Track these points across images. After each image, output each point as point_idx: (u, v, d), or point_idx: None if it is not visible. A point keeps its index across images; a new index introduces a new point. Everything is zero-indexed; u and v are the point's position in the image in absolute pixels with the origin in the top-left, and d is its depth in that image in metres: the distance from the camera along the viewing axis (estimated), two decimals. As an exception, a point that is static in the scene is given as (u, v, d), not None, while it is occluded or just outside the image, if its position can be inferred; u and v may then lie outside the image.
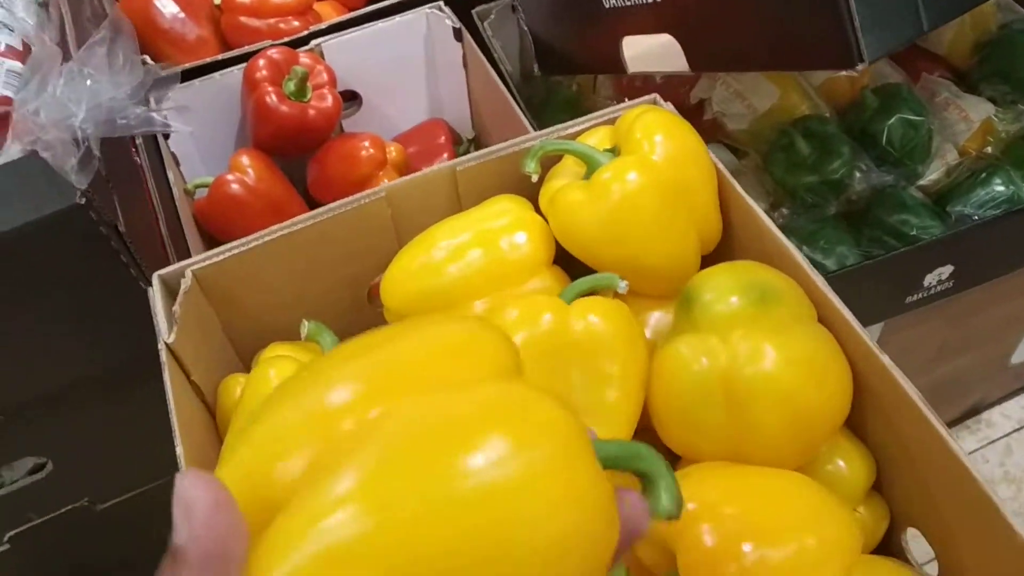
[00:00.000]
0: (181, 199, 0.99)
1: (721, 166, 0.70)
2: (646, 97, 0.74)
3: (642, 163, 0.65)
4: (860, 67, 0.73)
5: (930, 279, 1.08)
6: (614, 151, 0.68)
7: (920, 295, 1.09)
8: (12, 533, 0.84)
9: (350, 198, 0.69)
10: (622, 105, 0.74)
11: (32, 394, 0.75)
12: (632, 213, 0.64)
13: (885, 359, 0.60)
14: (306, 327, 0.64)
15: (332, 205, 0.69)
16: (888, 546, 0.67)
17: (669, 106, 0.74)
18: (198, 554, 0.26)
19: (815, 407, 0.58)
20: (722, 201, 0.71)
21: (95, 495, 0.87)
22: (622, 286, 0.62)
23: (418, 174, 0.71)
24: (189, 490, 0.27)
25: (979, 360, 1.44)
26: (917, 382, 1.41)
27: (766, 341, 0.57)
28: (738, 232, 0.71)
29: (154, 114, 0.66)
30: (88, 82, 0.64)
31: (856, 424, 0.65)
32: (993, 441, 1.57)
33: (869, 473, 0.64)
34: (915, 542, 0.66)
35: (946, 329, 1.29)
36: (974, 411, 1.59)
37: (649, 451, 0.36)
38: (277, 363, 0.61)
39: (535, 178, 0.67)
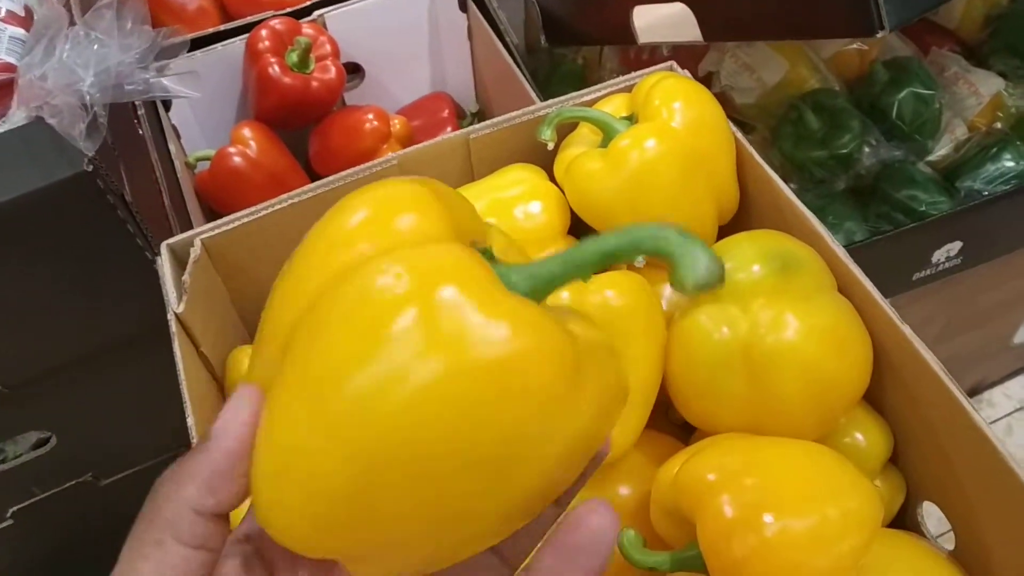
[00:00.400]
0: (183, 172, 0.98)
1: (740, 135, 0.69)
2: (663, 64, 0.73)
3: (661, 130, 0.64)
4: (880, 35, 0.72)
5: (938, 255, 1.07)
6: (631, 119, 0.67)
7: (928, 271, 1.09)
8: (16, 508, 0.83)
9: (362, 166, 0.68)
10: (639, 72, 0.73)
11: (39, 367, 0.74)
12: (651, 181, 0.63)
13: (907, 330, 0.59)
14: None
15: (343, 173, 0.68)
16: (903, 520, 0.66)
17: (687, 73, 0.73)
18: (220, 446, 0.30)
19: (836, 377, 0.57)
20: (739, 170, 0.70)
21: (99, 470, 0.86)
22: (639, 260, 0.61)
23: (431, 142, 0.70)
24: (241, 396, 0.31)
25: (982, 340, 1.44)
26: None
27: (788, 310, 0.56)
28: (755, 202, 0.70)
29: (163, 79, 0.64)
30: (96, 46, 0.63)
31: (874, 396, 0.64)
32: (994, 421, 1.57)
33: (887, 446, 0.63)
34: (929, 517, 0.65)
35: (950, 308, 1.29)
36: (975, 391, 1.59)
37: (652, 228, 0.33)
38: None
39: (551, 146, 0.66)
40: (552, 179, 0.69)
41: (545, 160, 0.70)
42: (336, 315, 0.29)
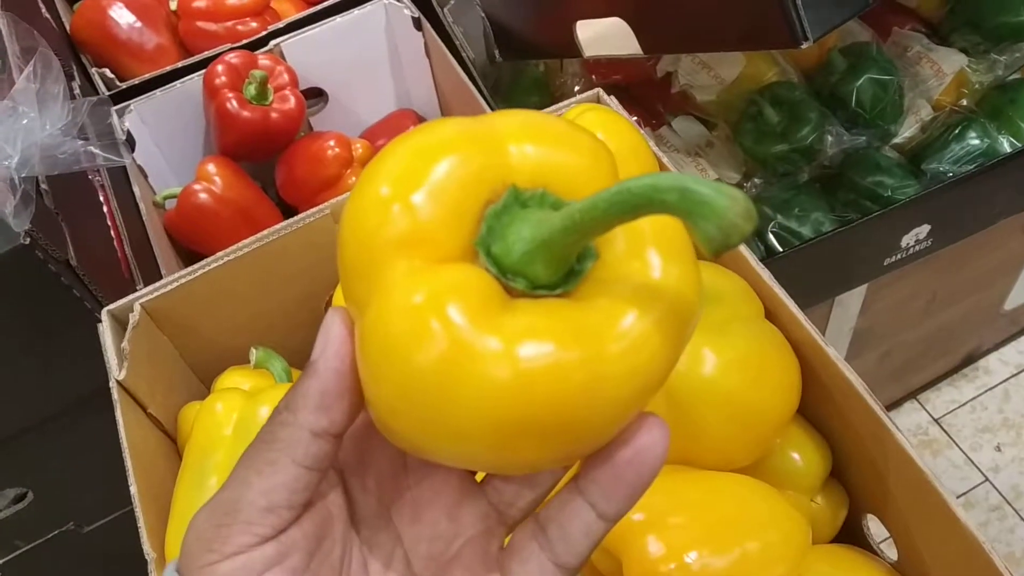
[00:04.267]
0: (150, 213, 0.99)
1: (666, 159, 0.69)
2: (589, 93, 0.74)
3: (580, 166, 0.64)
4: (805, 45, 0.72)
5: (907, 240, 1.07)
6: (555, 153, 0.68)
7: (898, 256, 1.09)
8: (2, 561, 0.86)
9: (295, 218, 0.69)
10: (565, 103, 0.73)
11: (3, 430, 0.76)
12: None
13: (830, 351, 0.59)
14: (254, 355, 0.64)
15: (277, 227, 0.69)
16: (850, 531, 0.67)
17: (613, 101, 0.73)
18: (323, 367, 0.32)
19: (758, 406, 0.58)
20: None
21: (80, 518, 0.88)
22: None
23: (361, 189, 0.71)
24: (331, 320, 0.33)
25: (971, 309, 1.43)
26: (908, 336, 1.41)
27: (704, 345, 0.56)
28: (685, 226, 0.70)
29: (91, 148, 0.66)
30: (24, 121, 0.64)
31: (810, 414, 0.65)
32: (991, 388, 1.57)
33: (825, 463, 0.64)
34: (878, 524, 0.66)
35: (934, 282, 1.28)
36: (971, 359, 1.59)
37: (660, 179, 0.28)
38: (224, 396, 0.62)
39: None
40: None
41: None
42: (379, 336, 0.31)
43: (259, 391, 0.61)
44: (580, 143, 0.33)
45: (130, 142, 1.04)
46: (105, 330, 0.65)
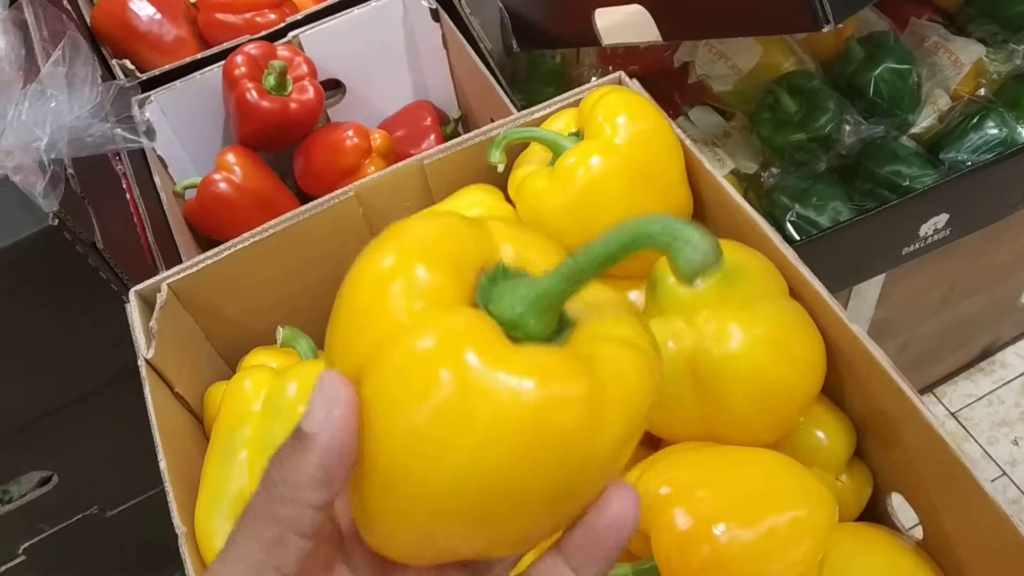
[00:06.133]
0: (170, 202, 1.00)
1: (688, 141, 0.70)
2: (611, 76, 0.74)
3: (605, 146, 0.64)
4: (826, 28, 0.72)
5: (926, 229, 1.07)
6: (579, 134, 0.68)
7: (917, 245, 1.08)
8: (27, 544, 0.86)
9: (320, 200, 0.70)
10: (587, 86, 0.73)
11: (30, 413, 0.76)
12: (598, 197, 0.64)
13: (856, 328, 0.60)
14: (281, 333, 0.64)
15: (302, 208, 0.70)
16: (874, 511, 0.67)
17: (635, 84, 0.73)
18: (327, 442, 0.32)
19: (784, 383, 0.58)
20: (691, 177, 0.70)
21: (104, 502, 0.89)
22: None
23: (387, 171, 0.72)
24: (335, 387, 0.32)
25: (988, 302, 1.43)
26: (925, 328, 1.40)
27: (731, 320, 0.57)
28: (710, 209, 0.71)
29: (119, 129, 0.66)
30: (52, 104, 0.65)
31: (835, 393, 0.65)
32: (1008, 381, 1.56)
33: (849, 442, 0.64)
34: (902, 507, 0.66)
35: (952, 274, 1.28)
36: (987, 352, 1.58)
37: (635, 226, 0.34)
38: (253, 372, 0.62)
39: (501, 168, 0.67)
40: (508, 198, 0.70)
41: (502, 179, 0.71)
42: (394, 377, 0.32)
43: (287, 368, 0.61)
44: (555, 253, 0.40)
45: (150, 133, 1.05)
46: (133, 310, 0.66)
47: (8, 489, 0.86)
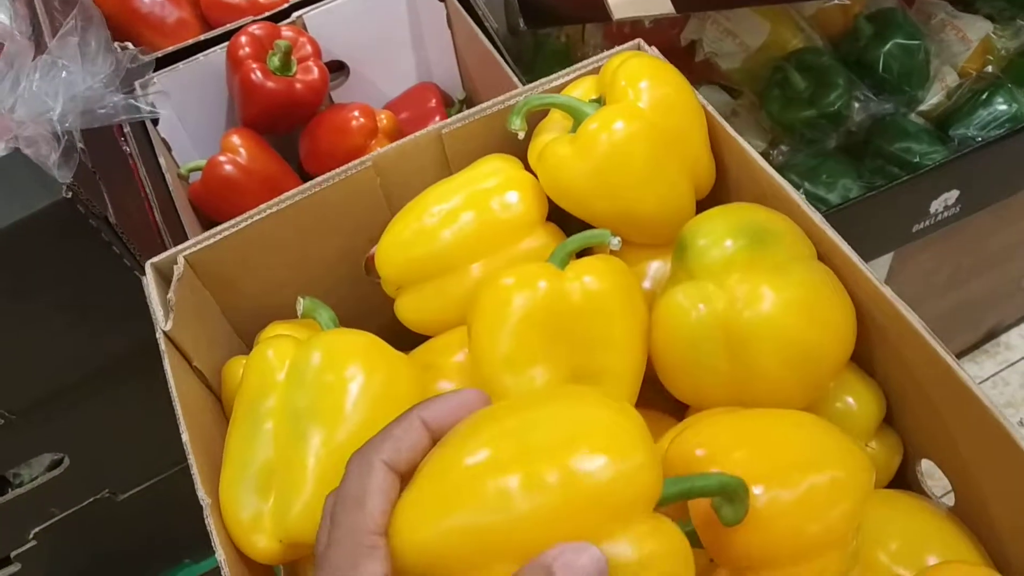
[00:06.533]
0: (175, 185, 0.99)
1: (711, 108, 0.69)
2: (630, 43, 0.73)
3: (628, 111, 0.63)
4: (841, -3, 0.72)
5: (936, 205, 1.06)
6: (600, 101, 0.67)
7: (927, 222, 1.08)
8: (38, 528, 0.85)
9: (337, 170, 0.69)
10: (606, 53, 0.73)
11: (41, 392, 0.75)
12: (621, 163, 0.63)
13: (888, 291, 0.59)
14: (301, 304, 0.63)
15: (319, 179, 0.69)
16: (903, 478, 0.66)
17: (654, 51, 0.72)
18: None
19: (817, 346, 0.57)
20: (714, 143, 0.70)
21: (116, 485, 0.87)
22: (614, 243, 0.61)
23: (405, 140, 0.70)
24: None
25: (993, 283, 1.42)
26: (931, 308, 1.40)
27: (763, 283, 0.56)
28: (732, 174, 0.70)
29: (132, 100, 0.65)
30: (64, 74, 0.64)
31: (864, 358, 0.64)
32: (1013, 363, 1.56)
33: (879, 408, 0.63)
34: (929, 476, 0.65)
35: (957, 254, 1.28)
36: (992, 335, 1.58)
37: (704, 478, 0.46)
38: (275, 342, 0.61)
39: (521, 135, 0.66)
40: (528, 167, 0.69)
41: (520, 149, 0.70)
42: None
43: (311, 337, 0.60)
44: None
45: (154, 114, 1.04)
46: (150, 282, 0.64)
47: (19, 472, 0.85)
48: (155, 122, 1.03)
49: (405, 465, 0.43)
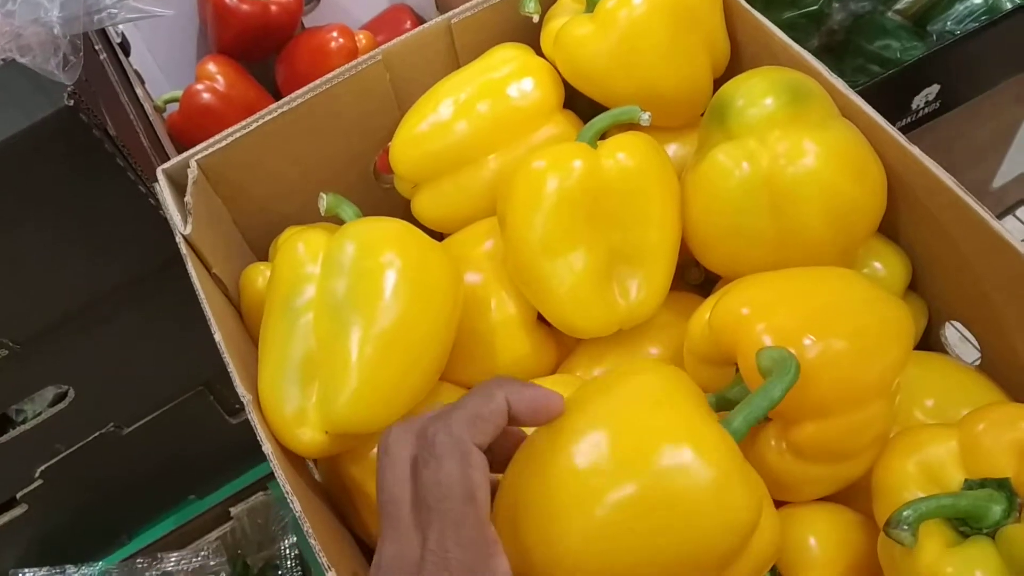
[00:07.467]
0: (154, 116, 0.96)
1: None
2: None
3: (646, -14, 0.63)
4: None
5: (918, 101, 1.07)
6: (612, -20, 0.66)
7: (909, 119, 1.09)
8: (43, 467, 0.83)
9: (346, 66, 0.67)
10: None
11: (46, 319, 0.72)
12: (642, 39, 0.62)
13: (915, 150, 0.59)
14: (324, 200, 0.62)
15: (329, 75, 0.67)
16: (927, 345, 0.67)
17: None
18: None
19: (857, 201, 0.57)
20: (727, 21, 0.69)
21: (121, 419, 0.85)
22: (644, 118, 0.60)
23: (413, 32, 0.69)
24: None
25: (966, 187, 1.44)
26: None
27: (805, 138, 0.56)
28: (747, 51, 0.69)
29: (131, 1, 0.62)
30: (58, -24, 0.61)
31: (890, 225, 0.64)
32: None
33: (906, 272, 0.64)
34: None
35: (933, 156, 1.29)
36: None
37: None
38: (304, 235, 0.59)
39: (536, 18, 0.65)
40: (541, 55, 0.68)
41: (530, 38, 0.69)
42: None
43: (343, 228, 0.58)
44: None
45: (125, 47, 1.01)
46: (163, 188, 0.62)
47: (23, 408, 0.82)
48: (127, 53, 1.00)
49: (487, 444, 0.43)
